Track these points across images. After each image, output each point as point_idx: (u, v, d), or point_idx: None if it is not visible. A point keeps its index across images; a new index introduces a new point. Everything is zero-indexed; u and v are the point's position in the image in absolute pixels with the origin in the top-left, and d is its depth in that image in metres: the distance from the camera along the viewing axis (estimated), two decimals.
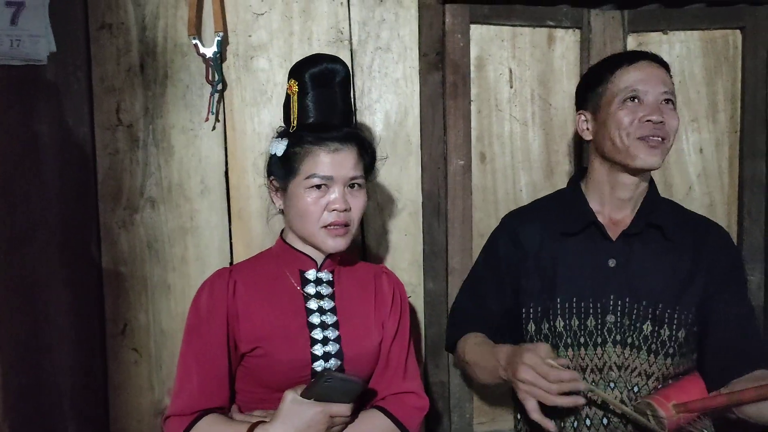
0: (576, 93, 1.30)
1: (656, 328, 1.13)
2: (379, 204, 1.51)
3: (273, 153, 1.12)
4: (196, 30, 1.37)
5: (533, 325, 1.21)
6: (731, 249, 1.22)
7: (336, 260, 1.18)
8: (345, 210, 1.08)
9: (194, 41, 1.36)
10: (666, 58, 1.56)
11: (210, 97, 1.38)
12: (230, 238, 1.44)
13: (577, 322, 1.17)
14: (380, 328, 1.16)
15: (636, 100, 1.14)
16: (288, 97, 1.13)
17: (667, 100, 1.15)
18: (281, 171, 1.12)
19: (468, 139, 1.52)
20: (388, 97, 1.50)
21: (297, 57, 1.42)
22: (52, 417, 1.32)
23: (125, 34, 1.38)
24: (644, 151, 1.12)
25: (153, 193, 1.41)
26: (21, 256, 1.28)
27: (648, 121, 1.12)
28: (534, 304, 1.21)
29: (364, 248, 1.50)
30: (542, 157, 1.58)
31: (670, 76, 1.19)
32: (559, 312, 1.18)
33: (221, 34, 1.37)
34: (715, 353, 1.14)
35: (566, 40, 1.58)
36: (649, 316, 1.14)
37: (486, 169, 1.57)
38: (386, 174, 1.50)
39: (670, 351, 1.13)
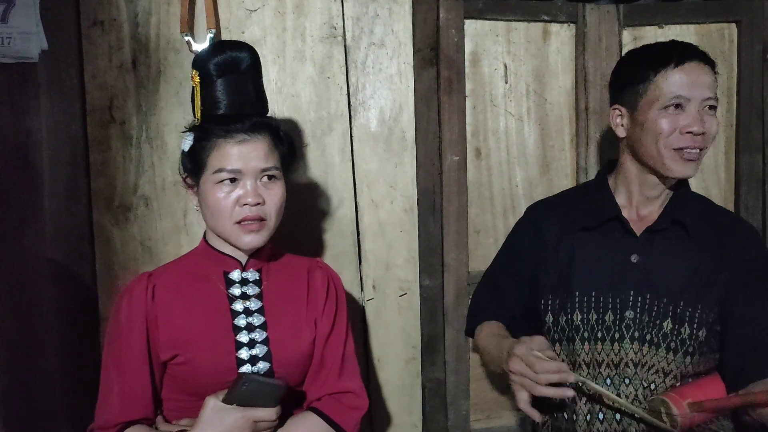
0: (611, 83, 1.23)
1: (676, 326, 1.10)
2: (374, 201, 1.50)
3: (182, 149, 1.07)
4: (189, 27, 1.36)
5: (551, 317, 1.20)
6: (758, 247, 1.17)
7: (263, 257, 1.12)
8: (258, 204, 1.02)
9: (187, 38, 1.34)
10: None
11: None
12: None
13: (595, 317, 1.15)
14: (313, 326, 1.10)
15: (678, 108, 1.08)
16: (192, 89, 1.08)
17: (711, 106, 1.10)
18: (191, 167, 1.06)
19: (463, 135, 1.52)
20: (383, 93, 1.49)
21: (290, 53, 1.43)
22: (45, 417, 1.31)
23: (117, 31, 1.37)
24: (679, 164, 1.10)
25: (146, 190, 1.40)
26: (12, 255, 1.27)
27: (689, 132, 1.08)
28: (552, 297, 1.20)
29: (359, 245, 1.50)
30: (538, 152, 1.58)
31: (716, 74, 1.12)
32: (577, 305, 1.17)
33: (214, 30, 1.36)
34: (735, 354, 1.11)
35: (561, 35, 1.57)
36: (670, 313, 1.11)
37: (481, 164, 1.56)
38: (381, 170, 1.49)
39: (690, 350, 1.10)
